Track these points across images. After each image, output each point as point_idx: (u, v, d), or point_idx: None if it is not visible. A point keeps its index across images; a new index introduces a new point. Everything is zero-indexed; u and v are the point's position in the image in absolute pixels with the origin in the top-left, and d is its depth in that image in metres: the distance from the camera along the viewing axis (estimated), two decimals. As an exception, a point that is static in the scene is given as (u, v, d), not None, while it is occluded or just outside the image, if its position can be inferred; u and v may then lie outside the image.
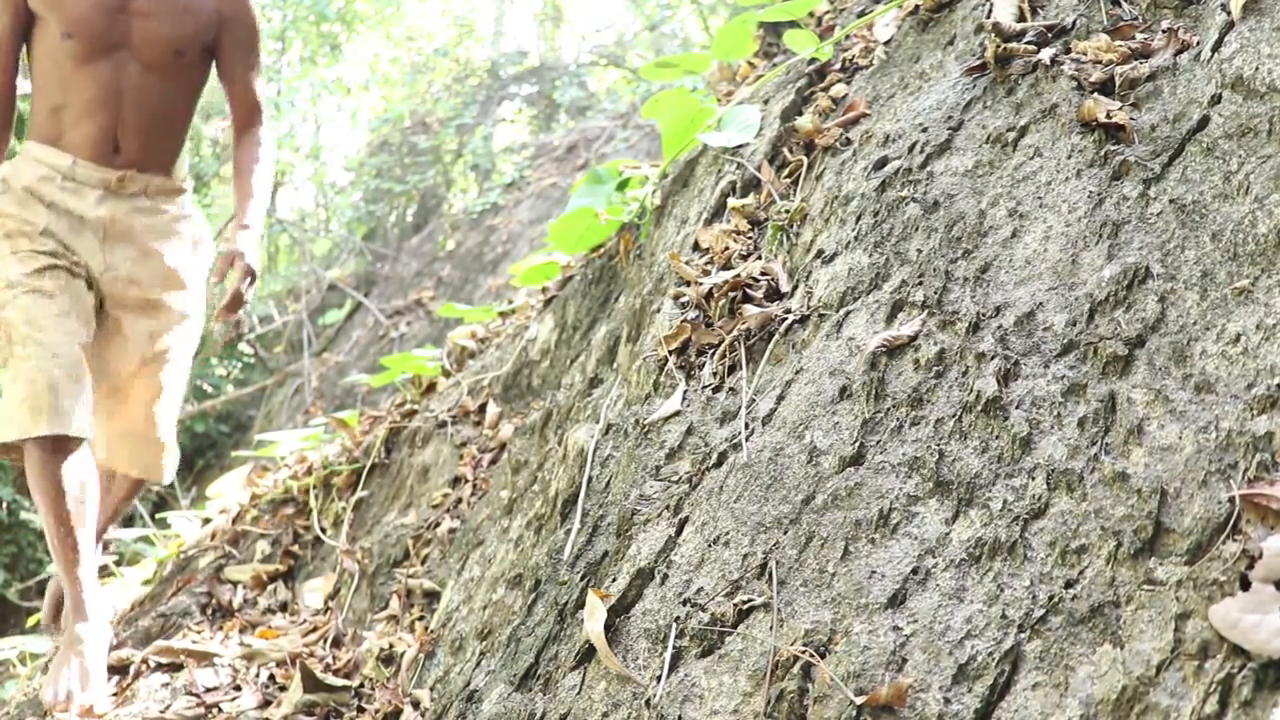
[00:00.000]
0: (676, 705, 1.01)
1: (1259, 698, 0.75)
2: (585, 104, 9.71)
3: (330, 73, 9.12)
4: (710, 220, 1.76)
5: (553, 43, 11.35)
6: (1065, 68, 1.40)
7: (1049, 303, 1.12)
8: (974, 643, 0.88)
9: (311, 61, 9.02)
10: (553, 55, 10.93)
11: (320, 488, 2.84)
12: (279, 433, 3.62)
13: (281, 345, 8.46)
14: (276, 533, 2.79)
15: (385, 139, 9.47)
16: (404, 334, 6.98)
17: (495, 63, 9.81)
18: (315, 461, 2.97)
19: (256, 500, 2.96)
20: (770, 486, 1.11)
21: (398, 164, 9.12)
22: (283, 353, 8.38)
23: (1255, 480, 0.88)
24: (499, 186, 8.22)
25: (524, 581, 1.52)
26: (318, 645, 2.20)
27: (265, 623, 2.25)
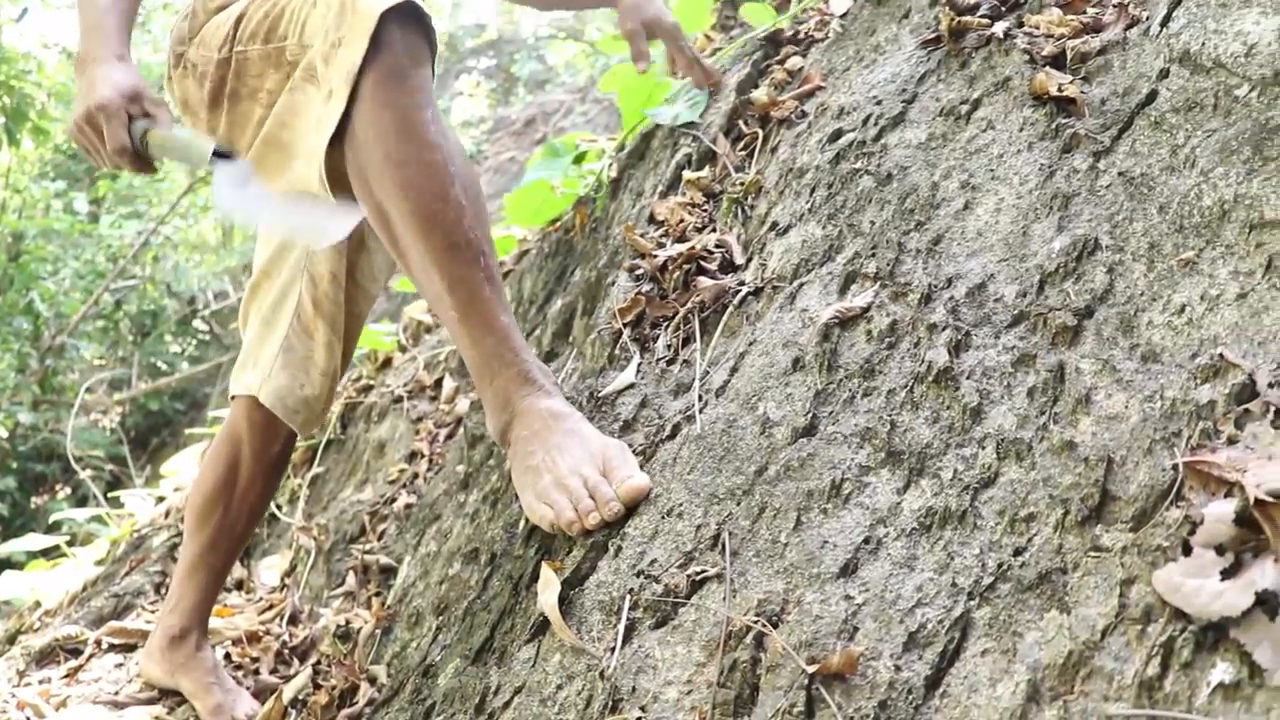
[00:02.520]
0: (630, 676, 1.01)
1: (1198, 659, 0.77)
2: (544, 77, 9.64)
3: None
4: (666, 193, 1.76)
5: (511, 16, 11.26)
6: (1018, 41, 1.40)
7: (1000, 274, 1.13)
8: (924, 611, 0.89)
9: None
10: (511, 28, 10.84)
11: (276, 464, 2.81)
12: (234, 410, 3.58)
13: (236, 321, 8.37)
14: (231, 510, 2.76)
15: (341, 112, 9.36)
16: (361, 310, 6.92)
17: (453, 35, 9.71)
18: (271, 438, 2.93)
19: (211, 477, 2.92)
20: (723, 458, 1.12)
21: (354, 138, 9.03)
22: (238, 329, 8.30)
23: (1198, 448, 0.89)
24: (458, 161, 8.14)
25: (480, 556, 1.52)
26: (274, 623, 2.19)
27: (221, 601, 2.24)
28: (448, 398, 2.55)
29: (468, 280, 1.27)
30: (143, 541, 2.79)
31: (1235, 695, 0.74)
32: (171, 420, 8.14)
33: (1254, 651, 0.75)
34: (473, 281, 1.27)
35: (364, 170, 1.28)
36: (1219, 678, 0.75)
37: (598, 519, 1.16)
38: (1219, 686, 0.75)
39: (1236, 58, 1.18)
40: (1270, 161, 1.08)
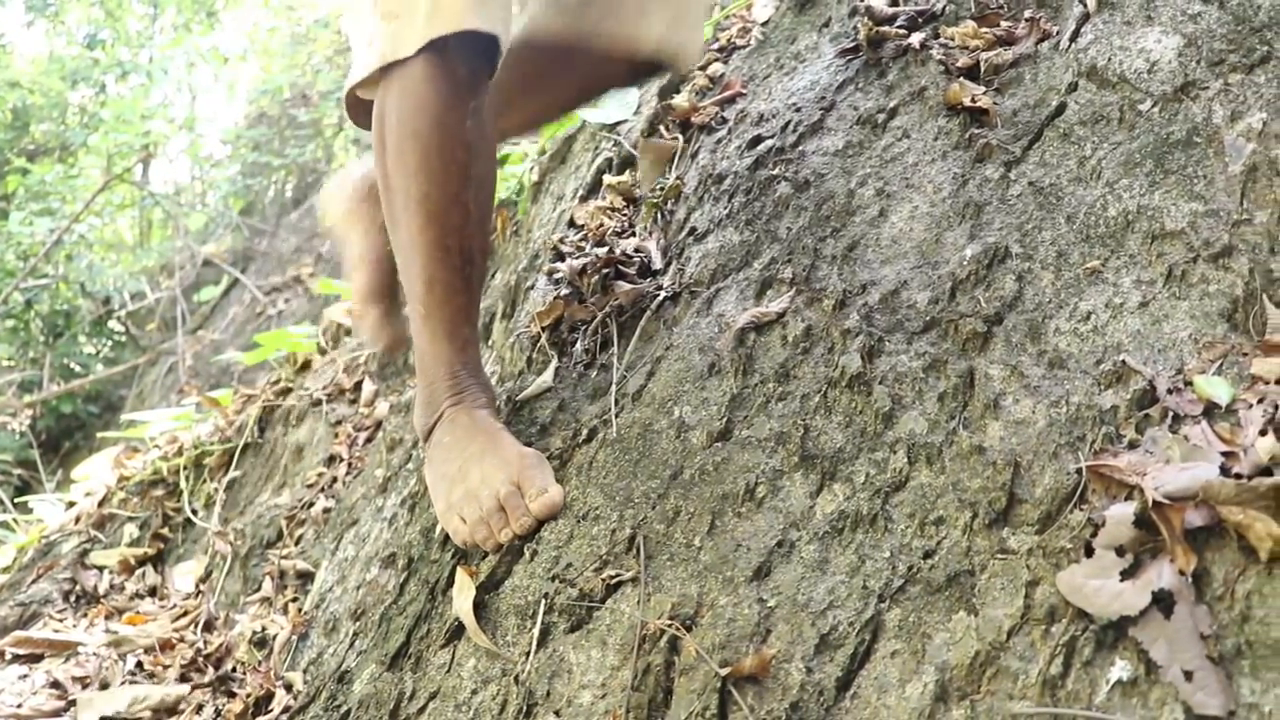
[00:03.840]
0: (545, 681, 1.01)
1: (1099, 657, 0.79)
2: (471, 80, 9.58)
3: (206, 41, 8.84)
4: (586, 197, 1.76)
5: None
6: (934, 52, 1.43)
7: (913, 281, 1.14)
8: (836, 613, 0.90)
9: (186, 29, 8.73)
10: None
11: (191, 468, 2.77)
12: (149, 412, 3.52)
13: (154, 323, 8.19)
14: (145, 515, 2.70)
15: (264, 111, 9.21)
16: (282, 311, 6.82)
17: (379, 37, 9.61)
18: (186, 442, 2.88)
19: (124, 482, 2.87)
20: (639, 462, 1.12)
21: (277, 137, 8.89)
22: (155, 330, 8.12)
23: (1101, 452, 0.91)
24: (380, 161, 8.06)
25: (397, 560, 1.50)
26: (188, 630, 2.15)
27: (133, 609, 2.19)
28: (367, 401, 2.52)
29: (446, 284, 1.25)
30: (51, 548, 2.72)
31: (1132, 692, 0.76)
32: (85, 423, 7.94)
33: (1150, 649, 0.77)
34: (450, 287, 1.25)
35: (387, 131, 1.23)
36: (1117, 675, 0.77)
37: (509, 534, 1.16)
38: (1117, 683, 0.77)
39: (1140, 74, 1.22)
40: (1170, 174, 1.11)
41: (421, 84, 1.19)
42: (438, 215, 1.21)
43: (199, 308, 7.99)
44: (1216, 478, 0.83)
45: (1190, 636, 0.77)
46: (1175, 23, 1.27)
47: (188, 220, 9.34)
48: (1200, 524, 0.82)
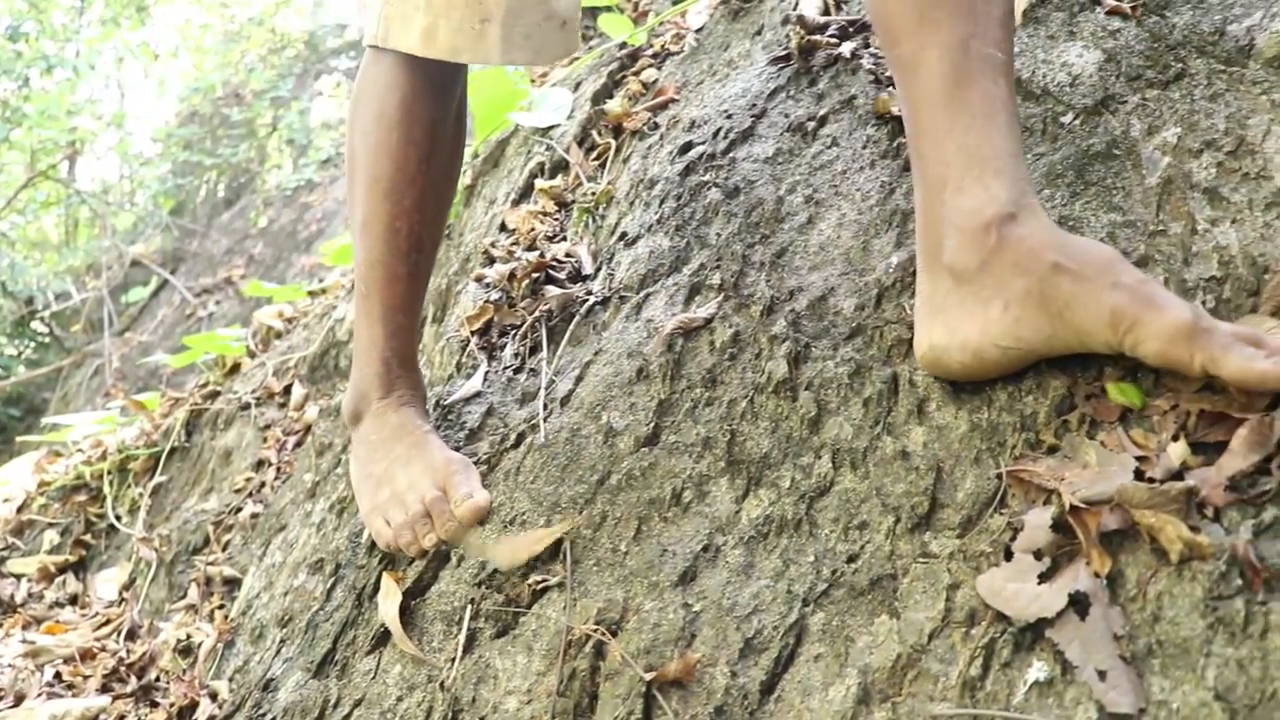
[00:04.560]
0: (471, 687, 1.00)
1: (1017, 659, 0.80)
2: (405, 81, 9.51)
3: (135, 36, 8.69)
4: (518, 201, 1.76)
5: (373, 18, 11.07)
6: (864, 61, 1.44)
7: (840, 287, 1.16)
8: (760, 617, 0.90)
9: (115, 23, 8.58)
10: (373, 31, 10.66)
11: (116, 473, 2.72)
12: (73, 416, 3.44)
13: (80, 324, 8.04)
14: (67, 521, 2.65)
15: (195, 109, 9.08)
16: (213, 313, 6.73)
17: (314, 35, 9.51)
18: (111, 446, 2.83)
19: (45, 487, 2.81)
20: (567, 467, 1.12)
21: (209, 136, 8.77)
22: (81, 332, 7.97)
23: (1021, 457, 0.93)
24: (315, 163, 7.99)
25: (325, 566, 1.49)
26: (110, 639, 2.11)
27: (52, 618, 2.14)
28: (297, 405, 2.50)
29: (389, 266, 1.25)
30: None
31: (1049, 692, 0.77)
32: (5, 427, 7.76)
33: (1066, 650, 0.78)
34: (393, 271, 1.26)
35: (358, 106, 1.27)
36: (1035, 676, 0.78)
37: (433, 540, 1.15)
38: (1035, 684, 0.78)
39: (1063, 87, 1.24)
40: (1091, 185, 1.13)
41: (397, 69, 1.22)
42: (392, 194, 1.23)
43: (126, 309, 7.85)
44: (1131, 482, 0.85)
45: (1104, 637, 0.78)
46: (1096, 38, 1.30)
47: (116, 219, 9.17)
48: (1115, 527, 0.84)
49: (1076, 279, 0.91)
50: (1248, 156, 1.12)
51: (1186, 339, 0.86)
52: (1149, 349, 0.88)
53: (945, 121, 0.98)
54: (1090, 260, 0.92)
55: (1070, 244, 0.93)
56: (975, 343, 0.96)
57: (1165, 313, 0.88)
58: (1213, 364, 0.86)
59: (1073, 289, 0.91)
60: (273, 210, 7.81)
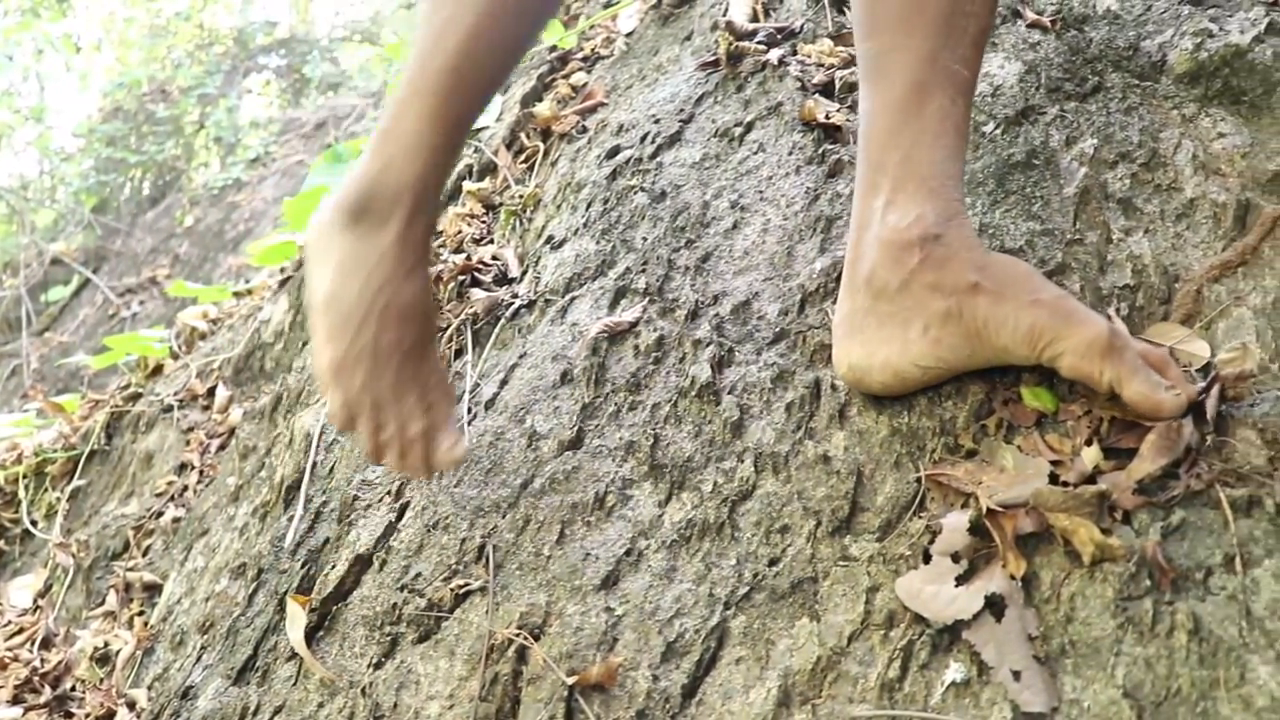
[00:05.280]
0: (392, 692, 0.99)
1: (934, 660, 0.81)
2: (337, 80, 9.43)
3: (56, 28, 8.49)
4: (446, 203, 1.74)
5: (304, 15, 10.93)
6: (791, 69, 1.46)
7: (764, 292, 1.16)
8: (682, 621, 0.91)
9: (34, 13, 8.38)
10: (304, 28, 10.53)
11: (32, 477, 2.65)
12: (-13, 418, 3.35)
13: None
14: (-22, 527, 2.58)
15: (120, 105, 8.89)
16: (136, 313, 6.61)
17: (242, 31, 9.37)
18: (27, 449, 2.76)
19: (-45, 492, 2.73)
20: (490, 471, 1.11)
21: (133, 132, 8.60)
22: (-3, 331, 7.77)
23: (940, 461, 0.94)
24: (243, 161, 7.88)
25: (247, 571, 1.47)
26: (24, 648, 2.05)
27: (-38, 626, 2.08)
28: (221, 407, 2.46)
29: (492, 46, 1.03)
30: None
31: (965, 693, 0.78)
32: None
33: (982, 651, 0.80)
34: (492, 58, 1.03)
35: None
36: (951, 677, 0.79)
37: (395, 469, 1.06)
38: (951, 685, 0.79)
39: (985, 97, 1.26)
40: (1011, 194, 1.15)
41: None
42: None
43: (46, 308, 7.67)
44: (1045, 486, 0.86)
45: (1019, 638, 0.80)
46: (1017, 50, 1.32)
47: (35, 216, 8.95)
48: (1030, 530, 0.86)
49: (995, 298, 0.92)
50: (1160, 169, 1.15)
51: (1099, 355, 0.88)
52: (1063, 362, 0.90)
53: (895, 130, 0.98)
54: (1008, 278, 0.93)
55: (990, 263, 0.94)
56: (895, 363, 0.97)
57: (1080, 328, 0.89)
58: (1119, 383, 0.88)
59: (991, 308, 0.92)
60: (199, 209, 7.68)
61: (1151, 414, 0.88)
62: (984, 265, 0.94)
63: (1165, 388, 0.88)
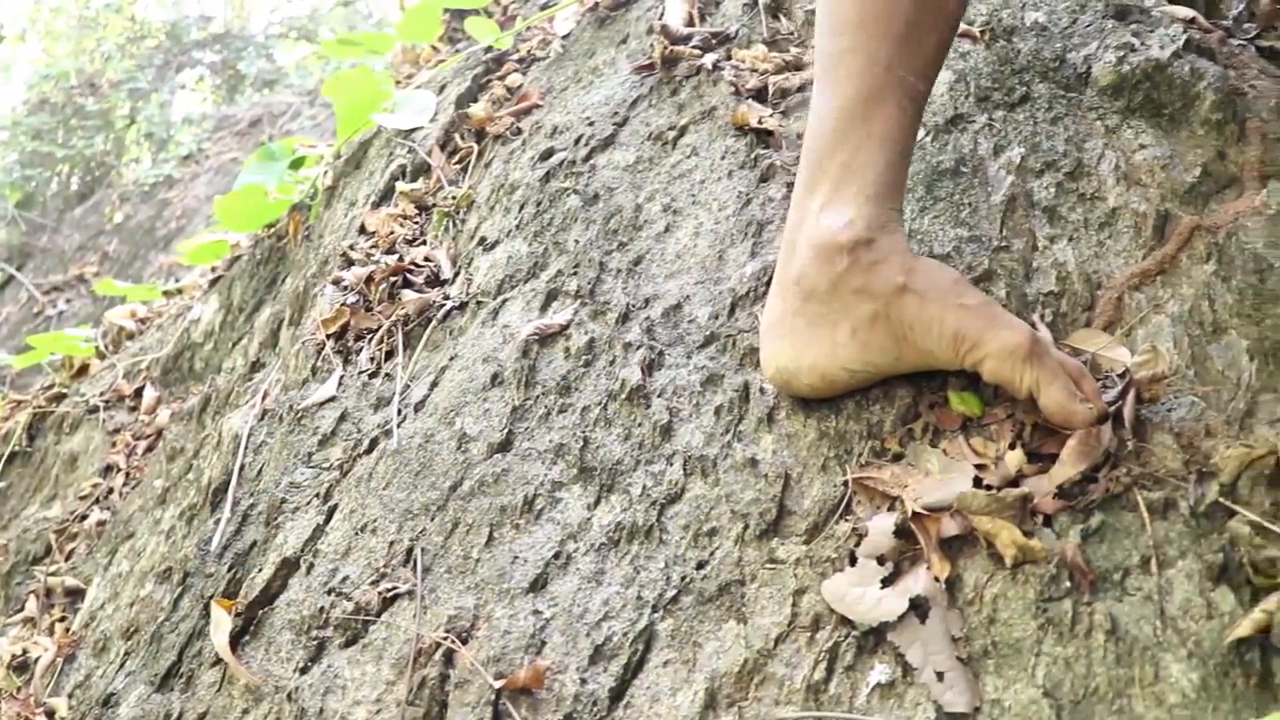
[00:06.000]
0: (318, 697, 0.98)
1: (859, 662, 0.82)
2: (272, 77, 9.32)
3: (-22, 17, 8.30)
4: (378, 204, 1.73)
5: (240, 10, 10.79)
6: (725, 73, 1.46)
7: (695, 296, 1.17)
8: (611, 624, 0.91)
9: (-48, 2, 8.18)
10: (240, 23, 10.39)
11: (-50, 479, 2.59)
12: (-97, 419, 3.26)
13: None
14: (-107, 529, 2.51)
15: (46, 97, 8.70)
16: (62, 312, 6.47)
17: (175, 25, 9.22)
18: (-55, 450, 2.70)
19: None
20: (420, 473, 1.10)
21: (61, 126, 8.41)
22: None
23: (867, 465, 0.95)
24: (175, 158, 7.75)
25: (172, 575, 1.44)
26: (-64, 658, 2.00)
27: None
28: (148, 408, 2.41)
29: None
30: None
31: (890, 694, 0.79)
32: None
33: (906, 653, 0.81)
34: None
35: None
36: (877, 678, 0.80)
37: None
38: (877, 686, 0.80)
39: (914, 103, 1.27)
40: (940, 201, 1.17)
41: None
42: None
43: (-33, 307, 7.48)
44: (969, 489, 0.88)
45: (943, 639, 0.81)
46: (947, 60, 1.34)
47: (-45, 210, 8.74)
48: (955, 533, 0.87)
49: (921, 302, 0.93)
50: (1084, 178, 1.17)
51: (1020, 360, 0.90)
52: (985, 366, 0.91)
53: (841, 133, 0.98)
54: (935, 283, 0.94)
55: (917, 267, 0.95)
56: (823, 366, 0.97)
57: (1003, 333, 0.91)
58: (1037, 389, 0.90)
59: (917, 312, 0.93)
60: (129, 206, 7.54)
61: (1064, 423, 0.90)
62: (911, 269, 0.95)
63: (1080, 399, 0.90)
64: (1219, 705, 0.74)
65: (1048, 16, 1.39)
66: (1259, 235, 1.07)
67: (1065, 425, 0.90)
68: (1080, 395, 0.90)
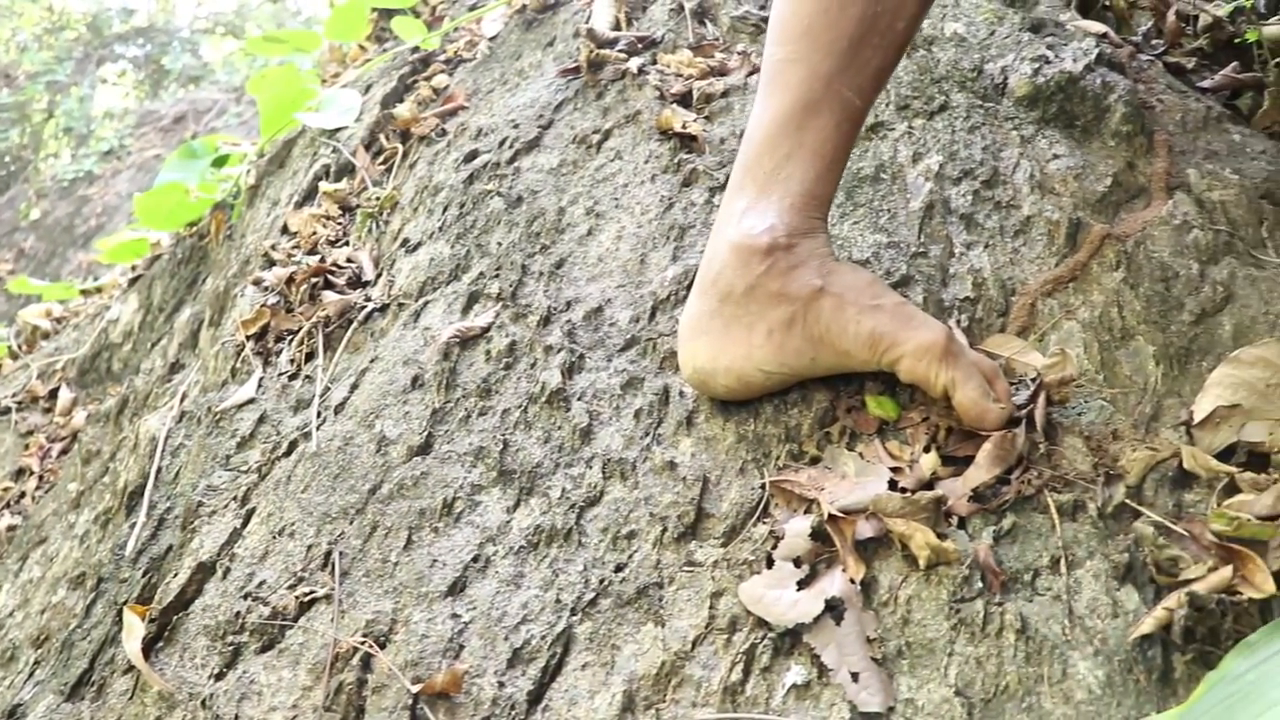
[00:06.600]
0: (234, 704, 0.97)
1: (776, 663, 0.82)
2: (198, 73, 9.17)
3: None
4: (301, 203, 1.71)
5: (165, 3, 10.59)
6: (650, 78, 1.47)
7: (617, 299, 1.17)
8: (529, 627, 0.90)
9: None
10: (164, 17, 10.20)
11: None
12: None
13: None
14: None
15: (-43, 89, 8.50)
16: (-25, 311, 6.31)
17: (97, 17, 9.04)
18: None
19: None
20: (338, 476, 1.09)
21: (-28, 118, 8.23)
22: None
23: (784, 468, 0.96)
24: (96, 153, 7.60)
25: (86, 581, 1.41)
26: None
27: None
28: (63, 410, 2.36)
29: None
30: None
31: (805, 694, 0.80)
32: None
33: (822, 654, 0.81)
34: None
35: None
36: (792, 680, 0.81)
37: None
38: (792, 687, 0.81)
39: (835, 109, 1.29)
40: (860, 207, 1.18)
41: None
42: None
43: None
44: (884, 492, 0.89)
45: (858, 640, 0.82)
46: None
47: None
48: (870, 535, 0.88)
49: (838, 303, 0.94)
50: (1000, 186, 1.19)
51: (936, 359, 0.91)
52: (901, 366, 0.93)
53: (774, 140, 0.99)
54: (851, 285, 0.95)
55: (835, 270, 0.96)
56: (740, 367, 0.98)
57: (918, 332, 0.92)
58: (952, 387, 0.91)
59: (833, 313, 0.94)
60: (47, 202, 7.38)
61: (977, 422, 0.92)
62: (829, 272, 0.96)
63: (992, 399, 0.92)
64: (1123, 701, 0.76)
65: (967, 28, 1.41)
66: (1165, 244, 1.10)
67: (978, 424, 0.92)
68: (993, 395, 0.92)
